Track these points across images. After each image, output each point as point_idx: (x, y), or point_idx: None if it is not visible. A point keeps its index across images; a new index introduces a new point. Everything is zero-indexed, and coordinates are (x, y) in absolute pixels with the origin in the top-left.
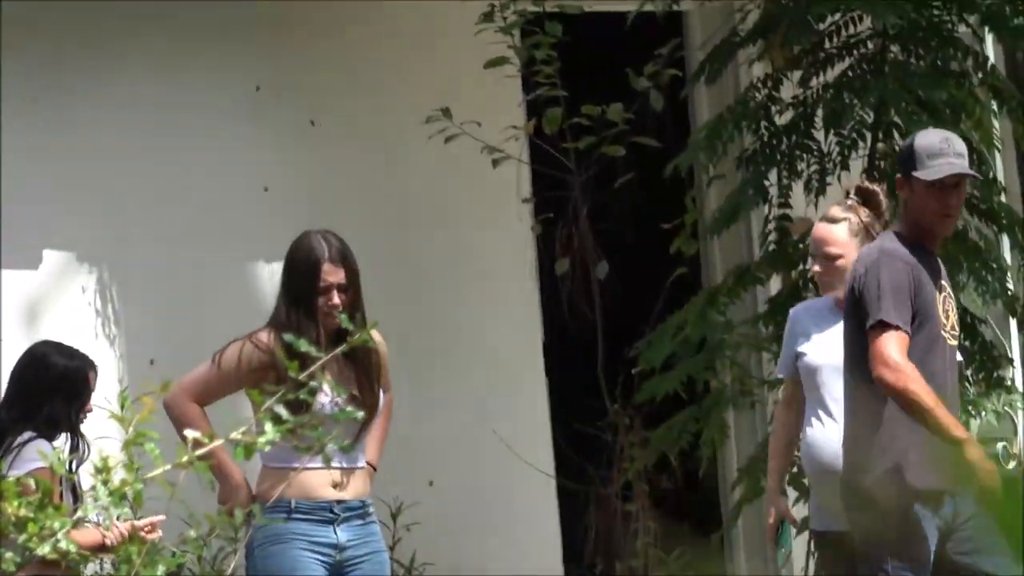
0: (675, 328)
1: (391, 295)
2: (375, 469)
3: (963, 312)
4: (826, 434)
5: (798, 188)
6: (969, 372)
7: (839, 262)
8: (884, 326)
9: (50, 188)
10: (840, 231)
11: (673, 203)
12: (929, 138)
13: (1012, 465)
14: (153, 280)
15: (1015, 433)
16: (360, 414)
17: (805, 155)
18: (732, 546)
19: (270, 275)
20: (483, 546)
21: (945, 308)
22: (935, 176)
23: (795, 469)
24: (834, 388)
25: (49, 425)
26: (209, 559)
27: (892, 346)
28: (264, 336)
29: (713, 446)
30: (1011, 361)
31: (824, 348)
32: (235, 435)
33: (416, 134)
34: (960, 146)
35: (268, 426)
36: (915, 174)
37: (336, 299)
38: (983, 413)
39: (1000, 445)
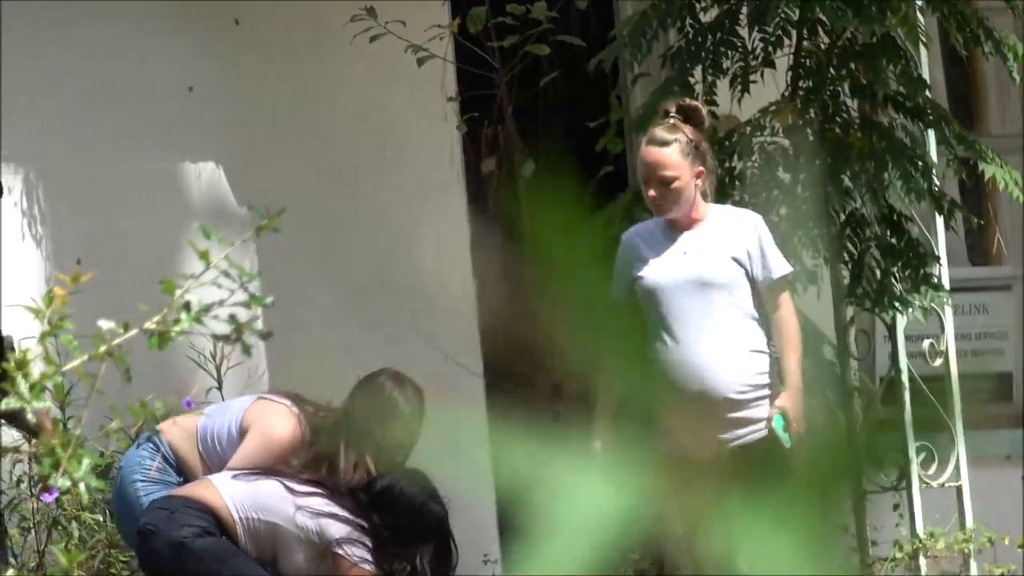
0: (602, 226)
1: (317, 196)
2: None
3: (889, 210)
4: (674, 356)
5: (723, 85)
6: (895, 269)
7: (675, 184)
8: None
9: None
10: (672, 153)
11: (599, 101)
12: None
13: (938, 362)
14: (79, 180)
15: (942, 330)
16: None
17: (730, 52)
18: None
19: (196, 175)
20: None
21: None
22: None
23: None
24: (675, 307)
25: None
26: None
27: None
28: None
29: None
30: (937, 258)
31: (660, 268)
32: (148, 324)
33: (342, 34)
34: None
35: (183, 315)
36: None
37: None
38: (911, 310)
39: (927, 343)
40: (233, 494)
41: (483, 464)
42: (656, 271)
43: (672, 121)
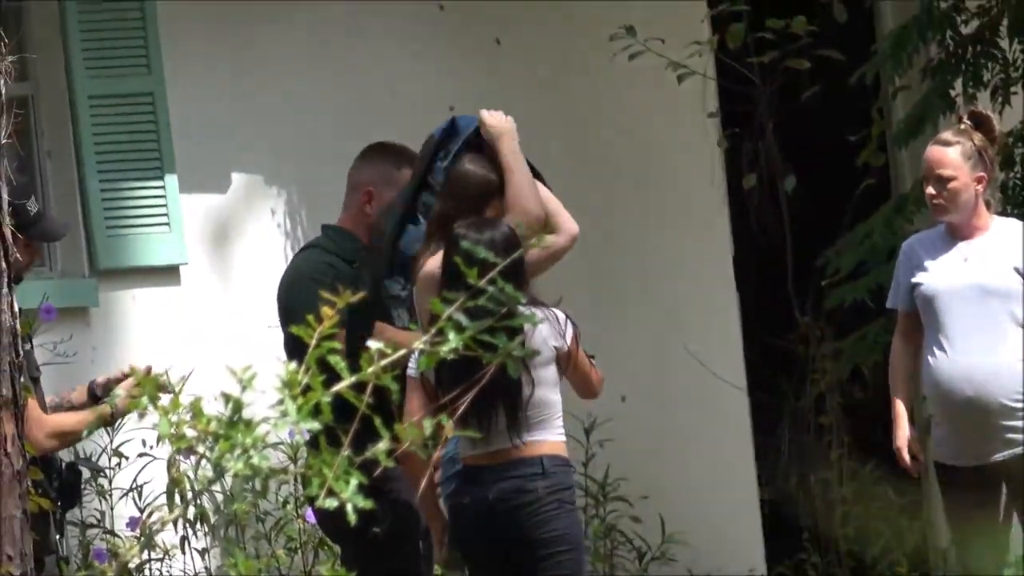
0: (863, 236)
1: (578, 212)
2: None
3: None
4: (950, 363)
5: (984, 97)
6: None
7: (952, 184)
8: None
9: (237, 110)
10: (953, 153)
11: (859, 115)
12: None
13: None
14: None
15: None
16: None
17: (990, 64)
18: (928, 456)
19: None
20: (676, 461)
21: None
22: None
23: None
24: (953, 314)
25: None
26: None
27: None
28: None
29: None
30: None
31: (940, 275)
32: (418, 344)
33: (600, 52)
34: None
35: (451, 335)
36: None
37: None
38: None
39: None
40: None
41: (748, 479)
42: (935, 278)
43: (963, 127)
